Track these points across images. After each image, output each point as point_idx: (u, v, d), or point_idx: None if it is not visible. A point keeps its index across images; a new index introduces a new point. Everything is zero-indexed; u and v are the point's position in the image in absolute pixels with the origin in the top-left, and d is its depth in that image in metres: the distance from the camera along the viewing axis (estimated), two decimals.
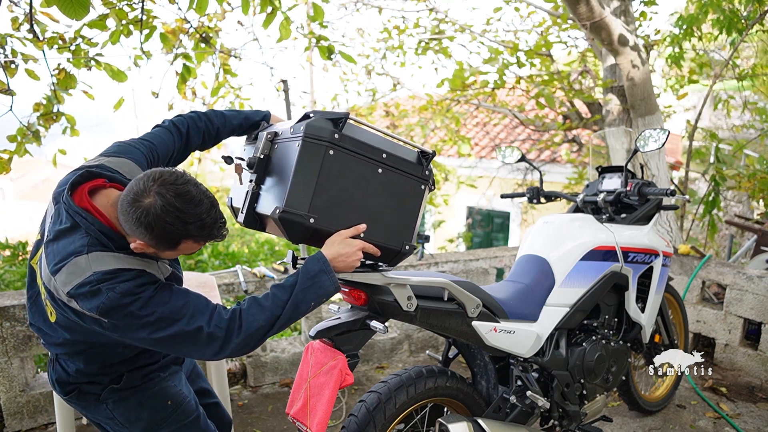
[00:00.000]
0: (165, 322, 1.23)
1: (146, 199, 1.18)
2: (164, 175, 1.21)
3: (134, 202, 1.19)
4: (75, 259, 1.21)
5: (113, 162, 1.42)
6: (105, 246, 1.24)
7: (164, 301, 1.24)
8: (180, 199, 1.19)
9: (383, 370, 3.32)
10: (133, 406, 1.44)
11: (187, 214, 1.20)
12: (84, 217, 1.24)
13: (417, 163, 1.47)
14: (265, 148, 1.41)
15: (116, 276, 1.21)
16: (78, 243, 1.23)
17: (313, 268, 1.33)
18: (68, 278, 1.21)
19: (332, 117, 1.32)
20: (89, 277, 1.20)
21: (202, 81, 4.56)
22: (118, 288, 1.20)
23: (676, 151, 8.89)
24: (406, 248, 1.49)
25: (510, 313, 1.84)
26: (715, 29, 3.98)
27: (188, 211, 1.20)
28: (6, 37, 2.87)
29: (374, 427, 1.60)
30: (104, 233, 1.25)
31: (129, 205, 1.19)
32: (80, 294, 1.20)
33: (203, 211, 1.22)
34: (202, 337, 1.25)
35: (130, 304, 1.20)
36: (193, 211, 1.20)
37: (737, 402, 2.93)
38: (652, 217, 2.40)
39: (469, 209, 9.71)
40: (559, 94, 5.84)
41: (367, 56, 7.40)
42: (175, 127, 1.60)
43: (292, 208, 1.27)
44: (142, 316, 1.21)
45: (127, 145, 1.49)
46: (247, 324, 1.27)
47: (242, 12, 3.03)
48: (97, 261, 1.21)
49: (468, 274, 3.59)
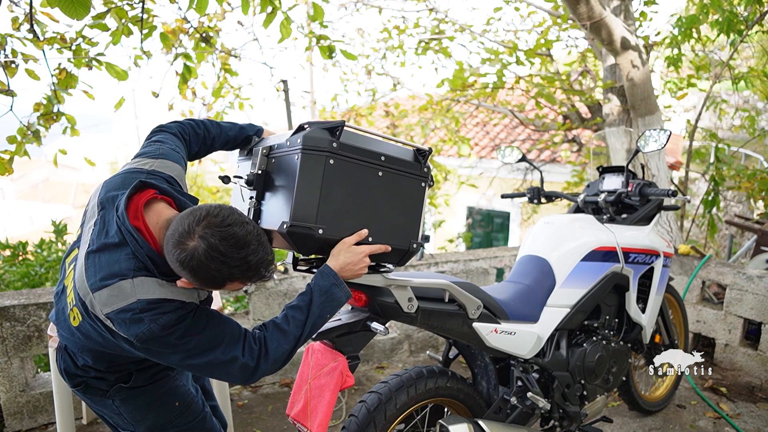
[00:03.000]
0: (201, 350, 1.23)
1: (191, 242, 1.15)
2: (210, 215, 1.18)
3: (179, 245, 1.16)
4: (119, 282, 1.19)
5: (163, 166, 1.40)
6: (149, 271, 1.22)
7: (201, 329, 1.24)
8: (225, 243, 1.16)
9: (383, 371, 3.32)
10: (140, 406, 1.43)
11: (232, 258, 1.17)
12: (135, 239, 1.21)
13: (415, 161, 1.48)
14: (262, 163, 1.41)
15: (159, 306, 1.20)
16: (124, 264, 1.21)
17: (325, 284, 1.35)
18: (110, 300, 1.19)
19: (328, 126, 1.32)
20: (132, 305, 1.18)
21: (202, 81, 4.57)
22: (161, 320, 1.19)
23: (676, 151, 8.89)
24: (414, 246, 1.49)
25: (511, 314, 1.84)
26: (714, 30, 3.98)
27: (233, 255, 1.17)
28: (6, 37, 2.87)
29: (375, 427, 1.60)
30: (151, 258, 1.23)
31: (174, 247, 1.17)
32: (121, 319, 1.19)
33: (249, 253, 1.19)
34: (237, 365, 1.26)
35: (169, 335, 1.20)
36: (238, 255, 1.17)
37: (737, 402, 2.93)
38: (653, 217, 2.40)
39: (469, 209, 9.71)
40: (559, 94, 5.84)
41: (367, 56, 7.40)
42: (181, 135, 1.59)
43: (299, 220, 1.27)
44: (178, 345, 1.22)
45: (169, 150, 1.47)
46: (273, 351, 1.29)
47: (242, 12, 3.03)
48: (142, 287, 1.20)
49: (468, 274, 3.59)
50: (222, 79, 4.28)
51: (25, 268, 3.58)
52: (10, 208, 25.69)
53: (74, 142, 5.34)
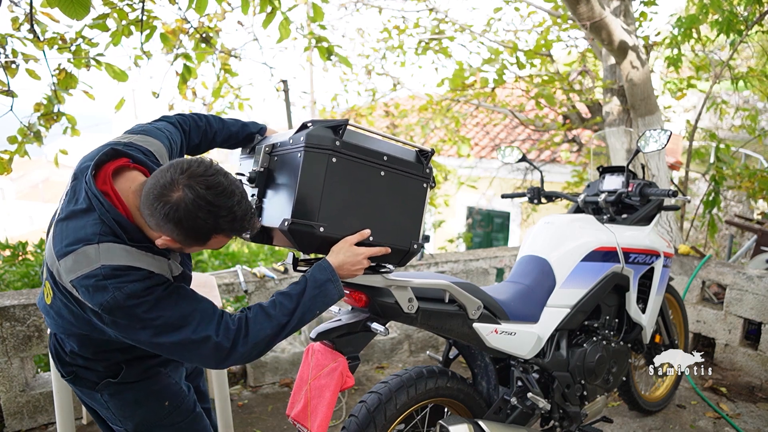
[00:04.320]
0: (170, 328, 1.18)
1: (175, 193, 1.12)
2: (192, 166, 1.14)
3: (161, 197, 1.12)
4: (84, 248, 1.15)
5: (142, 140, 1.36)
6: (117, 237, 1.18)
7: (171, 305, 1.19)
8: (211, 192, 1.13)
9: (383, 371, 3.32)
10: (129, 402, 1.40)
11: (219, 207, 1.14)
12: (101, 202, 1.17)
13: (417, 162, 1.48)
14: (264, 161, 1.41)
15: (125, 274, 1.15)
16: (90, 229, 1.17)
17: (321, 278, 1.32)
18: (74, 266, 1.15)
19: (331, 125, 1.32)
20: (96, 270, 1.14)
21: (202, 81, 4.57)
22: (126, 288, 1.14)
23: (676, 151, 8.89)
24: (414, 247, 1.49)
25: (511, 315, 1.84)
26: (714, 30, 3.98)
27: (220, 204, 1.14)
28: (6, 37, 2.88)
29: (375, 427, 1.60)
30: (119, 223, 1.18)
31: (156, 200, 1.13)
32: (84, 286, 1.15)
33: (234, 203, 1.16)
34: (209, 345, 1.21)
35: (135, 306, 1.15)
36: (224, 204, 1.14)
37: (737, 402, 2.93)
38: (654, 217, 2.40)
39: (469, 209, 9.71)
40: (559, 94, 5.84)
41: (367, 56, 7.40)
42: (179, 125, 1.58)
43: (300, 218, 1.26)
44: (146, 320, 1.17)
45: (153, 128, 1.44)
46: (254, 333, 1.24)
47: (242, 12, 3.04)
48: (107, 253, 1.15)
49: (468, 274, 3.59)
50: (222, 79, 4.28)
51: (25, 268, 3.58)
52: (10, 208, 25.69)
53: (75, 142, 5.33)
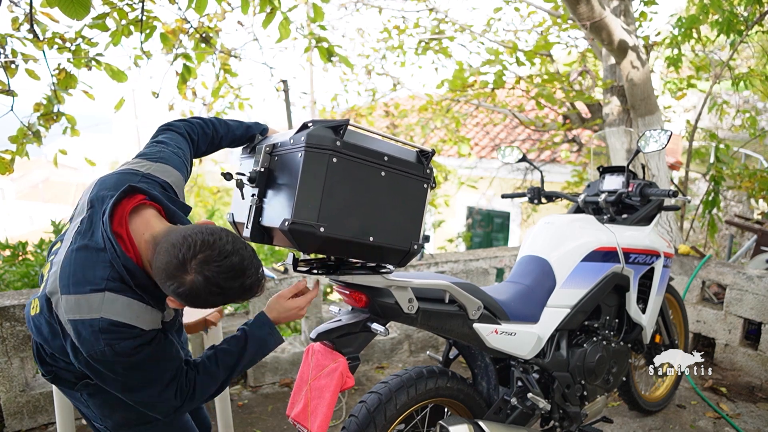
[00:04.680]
0: (139, 386, 1.26)
1: (187, 276, 1.14)
2: (205, 249, 1.14)
3: (174, 277, 1.15)
4: (90, 295, 1.17)
5: (161, 171, 1.39)
6: (124, 282, 1.20)
7: (148, 367, 1.25)
8: (223, 276, 1.16)
9: (383, 371, 3.32)
10: (108, 402, 1.40)
11: (230, 289, 1.18)
12: (114, 247, 1.20)
13: (417, 162, 1.48)
14: (264, 161, 1.41)
15: (120, 331, 1.18)
16: (99, 272, 1.19)
17: (261, 334, 1.42)
18: (75, 308, 1.17)
19: (332, 125, 1.32)
20: (95, 321, 1.16)
21: (202, 81, 4.57)
22: (117, 346, 1.18)
23: (676, 151, 8.90)
24: (415, 247, 1.49)
25: (511, 315, 1.84)
26: (714, 30, 3.98)
27: (231, 286, 1.18)
28: (6, 37, 2.87)
29: (375, 427, 1.60)
30: (128, 269, 1.20)
31: (168, 279, 1.15)
32: (79, 330, 1.17)
33: (245, 279, 1.20)
34: (166, 406, 1.30)
35: (117, 363, 1.20)
36: (235, 284, 1.18)
37: (737, 402, 2.93)
38: (654, 217, 2.40)
39: (469, 209, 9.71)
40: (559, 94, 5.85)
41: (367, 56, 7.41)
42: (188, 136, 1.58)
43: (301, 218, 1.26)
44: (121, 375, 1.23)
45: (171, 153, 1.46)
46: (199, 394, 1.35)
47: (242, 12, 3.04)
48: (110, 305, 1.18)
49: (468, 274, 3.59)
50: (222, 79, 4.28)
51: (25, 268, 3.58)
52: (10, 208, 25.69)
53: (74, 142, 5.34)
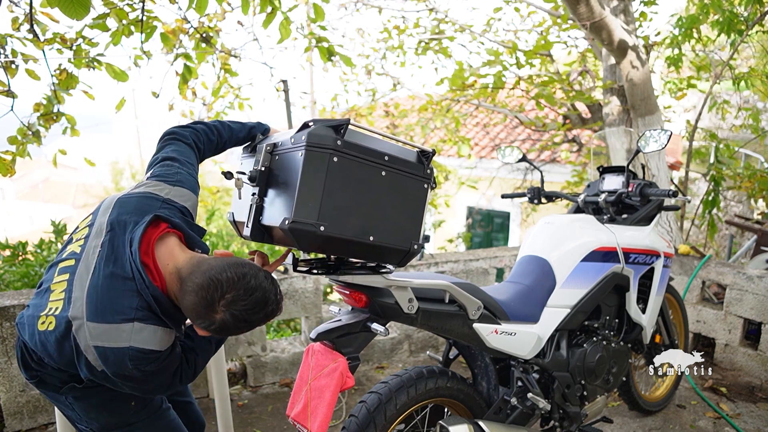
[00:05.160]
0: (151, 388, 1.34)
1: (217, 316, 1.22)
2: (230, 288, 1.22)
3: (204, 317, 1.23)
4: (119, 325, 1.22)
5: (179, 195, 1.44)
6: (152, 311, 1.26)
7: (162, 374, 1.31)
8: (249, 311, 1.24)
9: (383, 371, 3.32)
10: (94, 405, 1.41)
11: (256, 320, 1.27)
12: (143, 278, 1.25)
13: (418, 162, 1.48)
14: (265, 160, 1.41)
15: (147, 357, 1.24)
16: (127, 302, 1.24)
17: None
18: (103, 336, 1.21)
19: (333, 124, 1.32)
20: (124, 349, 1.21)
21: (202, 81, 4.57)
22: (144, 368, 1.24)
23: (676, 151, 8.90)
24: (415, 247, 1.49)
25: (511, 315, 1.84)
26: (714, 30, 3.99)
27: (257, 318, 1.27)
28: (6, 37, 2.87)
29: (375, 427, 1.60)
30: (156, 298, 1.26)
31: (198, 317, 1.23)
32: (105, 354, 1.22)
33: (268, 307, 1.28)
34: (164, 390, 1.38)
35: (138, 379, 1.27)
36: (260, 315, 1.27)
37: (737, 402, 2.93)
38: (654, 217, 2.40)
39: (469, 209, 9.72)
40: (559, 95, 5.85)
41: (367, 56, 7.40)
42: (195, 147, 1.60)
43: (301, 217, 1.26)
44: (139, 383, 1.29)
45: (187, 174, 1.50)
46: (199, 370, 1.44)
47: (242, 12, 3.04)
48: (139, 335, 1.23)
49: (468, 274, 3.59)
50: (222, 79, 4.28)
51: (25, 268, 3.58)
52: (10, 208, 25.69)
53: (74, 142, 5.33)
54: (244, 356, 3.07)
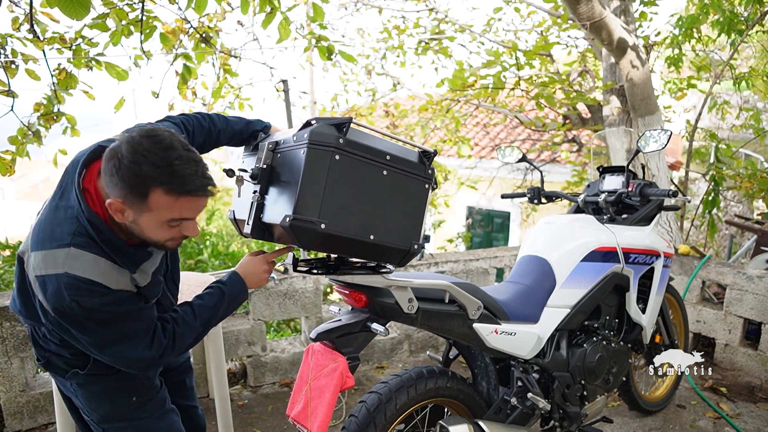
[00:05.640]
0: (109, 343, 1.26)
1: (122, 145, 1.16)
2: (140, 126, 1.19)
3: (108, 159, 1.17)
4: (56, 250, 1.19)
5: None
6: (90, 237, 1.21)
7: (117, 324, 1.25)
8: (148, 140, 1.15)
9: (383, 370, 3.32)
10: (95, 394, 1.41)
11: (154, 154, 1.14)
12: (79, 201, 1.22)
13: (419, 162, 1.48)
14: (267, 158, 1.41)
15: (85, 288, 1.18)
16: (66, 228, 1.21)
17: (234, 291, 1.47)
18: (42, 263, 1.19)
19: (335, 122, 1.32)
20: (60, 275, 1.17)
21: (202, 81, 4.56)
22: (83, 302, 1.18)
23: (676, 151, 8.90)
24: (415, 247, 1.49)
25: (511, 315, 1.84)
26: (714, 30, 3.99)
27: (155, 152, 1.14)
28: (6, 37, 2.87)
29: (375, 427, 1.60)
30: (92, 223, 1.21)
31: (106, 161, 1.17)
32: (44, 284, 1.18)
33: (174, 157, 1.16)
34: (140, 361, 1.30)
35: (85, 319, 1.20)
36: (161, 153, 1.15)
37: (737, 402, 2.93)
38: (654, 217, 2.40)
39: (469, 209, 9.71)
40: (559, 95, 5.85)
41: (367, 56, 7.40)
42: (182, 125, 1.58)
43: (302, 214, 1.26)
44: (90, 331, 1.23)
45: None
46: (179, 345, 1.36)
47: (242, 12, 3.03)
48: (74, 261, 1.19)
49: (468, 274, 3.59)
50: (222, 80, 4.27)
51: None
52: (10, 208, 25.68)
53: (74, 142, 5.33)
54: (244, 356, 3.07)
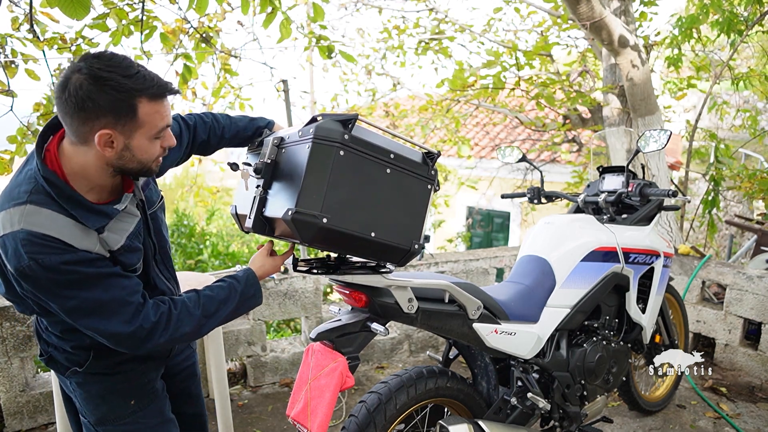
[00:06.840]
0: (83, 312, 1.18)
1: (72, 77, 1.10)
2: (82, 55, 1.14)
3: (64, 89, 1.10)
4: (12, 209, 1.15)
5: None
6: (48, 195, 1.16)
7: (87, 288, 1.17)
8: (101, 60, 1.12)
9: (383, 370, 3.32)
10: (93, 395, 1.38)
11: (118, 66, 1.12)
12: (38, 162, 1.18)
13: (423, 163, 1.48)
14: (271, 153, 1.41)
15: (42, 244, 1.13)
16: (23, 187, 1.17)
17: (248, 293, 1.41)
18: (1, 225, 1.15)
19: (341, 119, 1.32)
20: (16, 233, 1.13)
21: (202, 81, 4.56)
22: (41, 259, 1.12)
23: (676, 151, 8.89)
24: (416, 247, 1.49)
25: (511, 315, 1.84)
26: (714, 30, 3.99)
27: (117, 64, 1.12)
28: (6, 37, 2.87)
29: (374, 427, 1.60)
30: (49, 180, 1.16)
31: (60, 94, 1.11)
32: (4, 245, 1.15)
33: (133, 64, 1.14)
34: (121, 336, 1.21)
35: (49, 280, 1.14)
36: (122, 63, 1.13)
37: (737, 402, 2.93)
38: (654, 217, 2.40)
39: (469, 209, 9.72)
40: (559, 95, 5.85)
41: (367, 56, 7.40)
42: (184, 122, 1.58)
43: (304, 208, 1.26)
44: (59, 295, 1.16)
45: None
46: (174, 329, 1.26)
47: (242, 12, 3.03)
48: (30, 216, 1.14)
49: (468, 274, 3.59)
50: (222, 80, 4.28)
51: None
52: None
53: None
54: (244, 356, 3.07)
